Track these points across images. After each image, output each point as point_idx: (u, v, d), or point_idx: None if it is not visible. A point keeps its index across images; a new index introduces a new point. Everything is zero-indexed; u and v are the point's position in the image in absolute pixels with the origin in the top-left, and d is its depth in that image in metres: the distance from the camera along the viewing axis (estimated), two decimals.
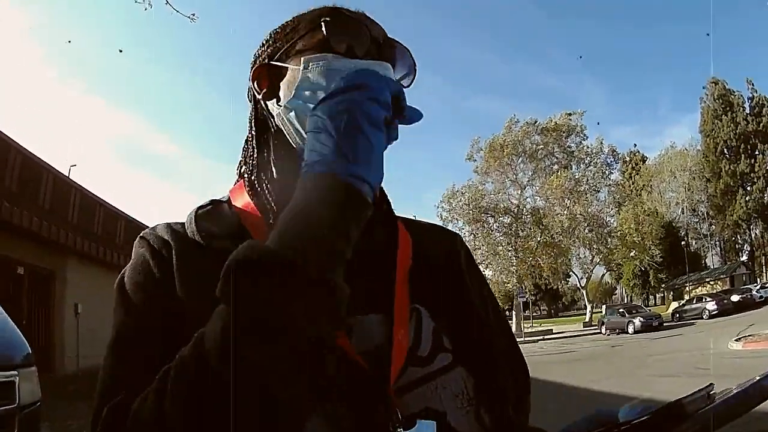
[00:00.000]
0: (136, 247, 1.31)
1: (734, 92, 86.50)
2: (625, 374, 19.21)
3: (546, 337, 51.02)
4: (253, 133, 1.37)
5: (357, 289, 1.04)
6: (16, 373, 5.21)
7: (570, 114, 62.84)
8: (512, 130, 61.73)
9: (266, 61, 1.35)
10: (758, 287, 54.80)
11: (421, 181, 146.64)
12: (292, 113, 1.24)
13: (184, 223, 1.31)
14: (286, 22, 1.37)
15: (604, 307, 67.88)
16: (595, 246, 63.73)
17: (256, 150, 1.36)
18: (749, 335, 26.89)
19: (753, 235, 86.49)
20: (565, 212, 60.29)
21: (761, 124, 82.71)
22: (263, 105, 1.34)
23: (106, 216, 25.29)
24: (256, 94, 1.35)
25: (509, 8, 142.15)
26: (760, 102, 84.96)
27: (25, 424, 5.22)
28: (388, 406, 1.10)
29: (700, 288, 71.60)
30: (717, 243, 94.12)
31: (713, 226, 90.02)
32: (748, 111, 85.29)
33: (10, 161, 18.85)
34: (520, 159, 61.73)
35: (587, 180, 62.85)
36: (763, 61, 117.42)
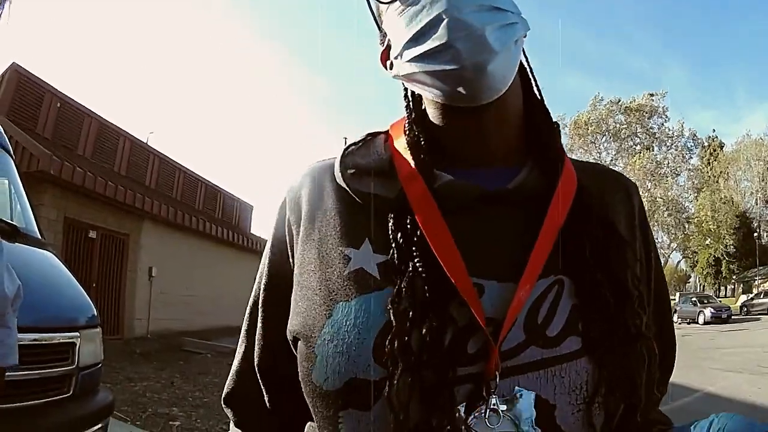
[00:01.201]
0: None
1: None
2: (691, 366, 18.68)
3: None
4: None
5: (507, 239, 1.10)
6: (77, 334, 5.26)
7: (652, 95, 62.19)
8: (596, 108, 61.57)
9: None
10: None
11: None
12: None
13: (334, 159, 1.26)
14: None
15: (678, 294, 67.28)
16: (673, 231, 63.23)
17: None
18: None
19: None
20: (646, 194, 59.17)
21: None
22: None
23: (185, 181, 25.56)
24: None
25: None
26: None
27: (82, 384, 5.27)
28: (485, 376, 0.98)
29: None
30: None
31: None
32: None
33: (85, 127, 19.35)
34: (604, 138, 61.67)
35: (668, 162, 62.41)
36: None
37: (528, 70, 1.25)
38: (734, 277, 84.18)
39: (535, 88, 1.25)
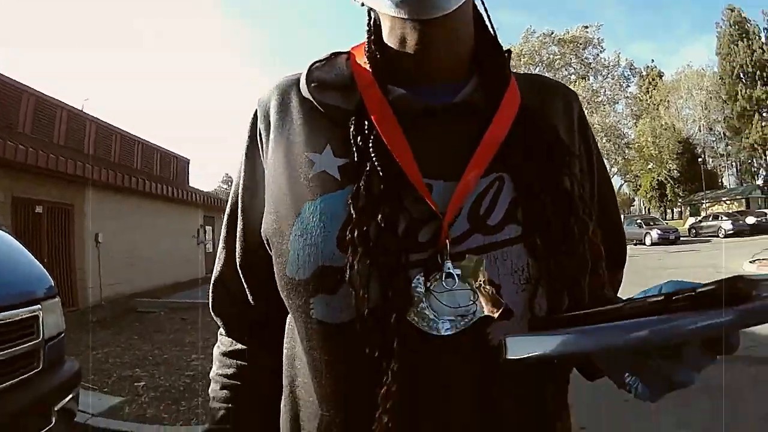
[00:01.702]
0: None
1: (750, 21, 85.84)
2: (639, 285, 19.30)
3: None
4: None
5: (453, 141, 1.21)
6: (39, 306, 5.28)
7: (587, 27, 62.31)
8: (529, 41, 61.36)
9: None
10: None
11: None
12: None
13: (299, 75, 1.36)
14: None
15: (621, 217, 67.93)
16: (612, 156, 63.85)
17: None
18: (764, 258, 27.07)
19: None
20: None
21: None
22: None
23: (122, 143, 25.38)
24: None
25: None
26: None
27: (50, 356, 5.30)
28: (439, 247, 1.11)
29: (716, 206, 71.93)
30: (733, 164, 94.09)
31: (730, 147, 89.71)
32: (764, 40, 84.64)
33: (23, 104, 19.14)
34: (537, 69, 61.45)
35: (605, 91, 62.92)
36: None
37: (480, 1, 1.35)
38: (680, 200, 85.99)
39: (485, 16, 1.37)
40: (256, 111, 1.39)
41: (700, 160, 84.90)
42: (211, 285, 1.51)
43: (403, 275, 1.09)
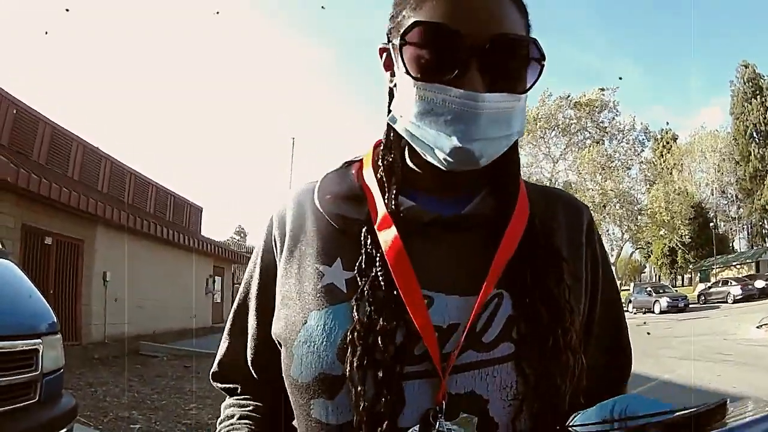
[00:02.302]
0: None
1: (764, 77, 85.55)
2: (648, 354, 19.10)
3: None
4: (388, 103, 1.39)
5: (459, 258, 1.30)
6: (40, 341, 5.36)
7: (603, 90, 62.15)
8: (545, 104, 61.01)
9: (387, 40, 1.37)
10: None
11: None
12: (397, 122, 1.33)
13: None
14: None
15: (632, 284, 67.43)
16: (625, 223, 63.58)
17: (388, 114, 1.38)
18: None
19: None
20: (597, 187, 59.91)
21: None
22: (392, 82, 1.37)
23: (136, 184, 25.51)
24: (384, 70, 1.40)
25: None
26: None
27: (47, 389, 5.38)
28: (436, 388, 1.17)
29: (726, 271, 71.14)
30: (744, 227, 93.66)
31: (741, 210, 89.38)
32: None
33: (39, 133, 19.23)
34: (553, 132, 61.42)
35: (619, 156, 62.56)
36: None
37: None
38: (690, 266, 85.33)
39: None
40: (272, 217, 1.50)
41: (711, 224, 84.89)
42: (215, 365, 1.63)
43: (396, 387, 1.16)
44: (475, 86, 1.17)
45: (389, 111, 1.36)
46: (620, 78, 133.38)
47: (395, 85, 1.33)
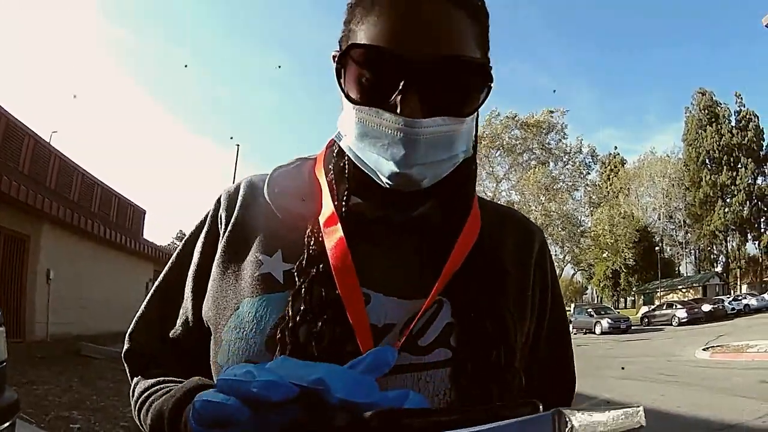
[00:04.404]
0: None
1: (721, 104, 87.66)
2: (587, 374, 19.27)
3: None
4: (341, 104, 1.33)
5: (402, 261, 1.31)
6: None
7: (552, 111, 62.66)
8: (491, 124, 61.00)
9: (339, 48, 1.35)
10: (731, 299, 55.42)
11: None
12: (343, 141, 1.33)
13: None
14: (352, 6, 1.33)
15: (572, 305, 67.86)
16: (567, 244, 63.92)
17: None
18: (717, 345, 27.22)
19: (729, 247, 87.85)
20: (540, 208, 60.44)
21: (746, 138, 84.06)
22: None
23: (83, 183, 25.31)
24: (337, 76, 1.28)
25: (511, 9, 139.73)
26: (747, 116, 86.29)
27: None
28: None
29: (672, 294, 72.32)
30: (692, 252, 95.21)
31: (689, 235, 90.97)
32: (733, 124, 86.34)
33: None
34: (498, 152, 61.41)
35: (564, 178, 62.84)
36: (752, 76, 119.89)
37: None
38: (634, 289, 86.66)
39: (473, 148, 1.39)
40: (220, 197, 1.51)
41: (657, 248, 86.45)
42: (129, 335, 1.56)
43: None
44: (414, 111, 1.16)
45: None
46: (554, 91, 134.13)
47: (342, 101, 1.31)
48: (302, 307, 1.19)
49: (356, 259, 1.24)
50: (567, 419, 0.79)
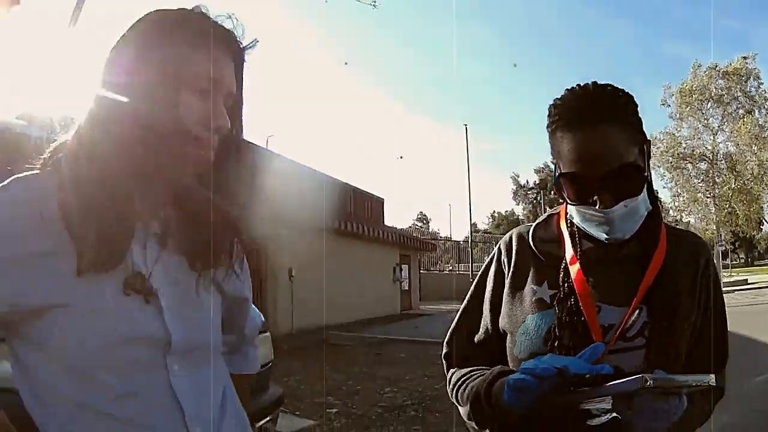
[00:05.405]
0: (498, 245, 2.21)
1: None
2: None
3: (740, 287, 45.59)
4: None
5: (618, 282, 1.89)
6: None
7: (745, 57, 58.83)
8: (697, 76, 58.48)
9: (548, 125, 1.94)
10: None
11: None
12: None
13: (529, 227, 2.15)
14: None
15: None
16: None
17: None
18: None
19: None
20: (754, 158, 56.65)
21: None
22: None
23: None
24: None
25: None
26: None
27: (258, 382, 5.69)
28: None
29: None
30: None
31: None
32: None
33: None
34: (709, 104, 58.67)
35: None
36: None
37: (649, 183, 1.94)
38: None
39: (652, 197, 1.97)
40: (499, 246, 2.18)
41: None
42: (453, 344, 2.20)
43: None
44: (607, 204, 1.79)
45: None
46: None
47: None
48: (561, 319, 1.86)
49: (590, 284, 1.88)
50: (646, 379, 1.42)
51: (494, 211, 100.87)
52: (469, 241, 52.74)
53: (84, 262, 1.41)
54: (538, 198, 75.23)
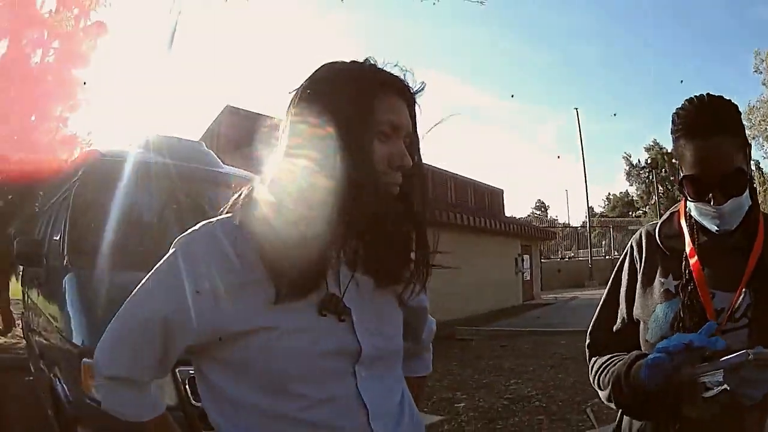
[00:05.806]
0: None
1: None
2: None
3: None
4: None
5: (727, 271, 2.11)
6: None
7: None
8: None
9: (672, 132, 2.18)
10: None
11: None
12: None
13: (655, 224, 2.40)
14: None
15: None
16: None
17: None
18: None
19: None
20: None
21: None
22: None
23: (433, 179, 25.16)
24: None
25: None
26: None
27: None
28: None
29: None
30: None
31: None
32: None
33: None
34: None
35: None
36: None
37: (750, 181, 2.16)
38: None
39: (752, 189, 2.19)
40: (631, 244, 2.43)
41: None
42: (593, 334, 2.48)
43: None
44: (719, 201, 2.03)
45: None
46: None
47: None
48: (684, 305, 2.12)
49: (705, 273, 2.13)
50: (749, 353, 1.65)
51: (609, 194, 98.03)
52: (587, 226, 53.48)
53: (283, 293, 1.58)
54: (650, 177, 72.64)
